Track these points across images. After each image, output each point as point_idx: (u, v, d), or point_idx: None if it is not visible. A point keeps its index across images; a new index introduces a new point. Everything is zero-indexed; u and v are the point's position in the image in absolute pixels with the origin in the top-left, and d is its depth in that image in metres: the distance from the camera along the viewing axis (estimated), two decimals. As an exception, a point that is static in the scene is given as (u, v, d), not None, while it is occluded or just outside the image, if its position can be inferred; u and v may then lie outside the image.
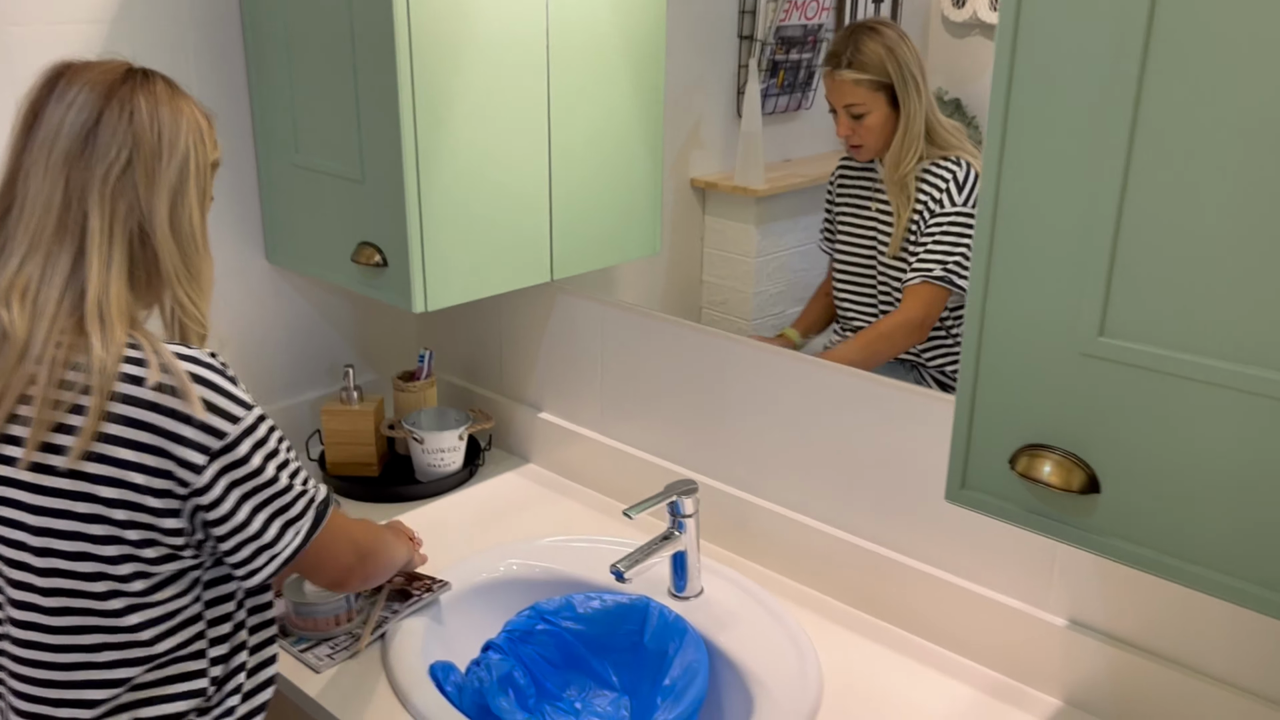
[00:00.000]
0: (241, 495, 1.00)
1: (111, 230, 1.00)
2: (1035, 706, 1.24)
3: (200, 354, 1.01)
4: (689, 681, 1.26)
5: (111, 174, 0.99)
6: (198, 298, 1.06)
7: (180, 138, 1.03)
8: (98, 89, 1.01)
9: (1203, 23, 0.73)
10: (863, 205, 1.48)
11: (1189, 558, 0.84)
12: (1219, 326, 0.77)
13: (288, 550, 1.04)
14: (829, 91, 1.42)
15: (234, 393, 1.00)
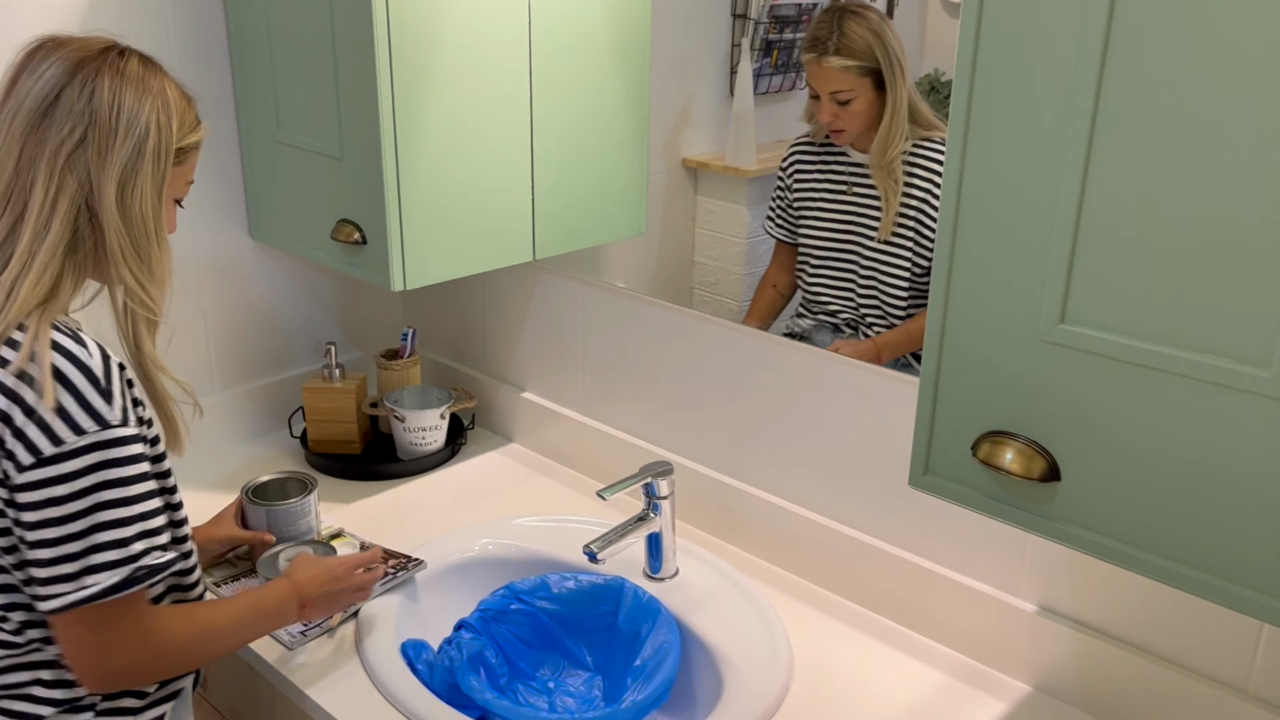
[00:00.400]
0: (44, 519, 0.96)
1: (55, 203, 0.99)
2: (1004, 691, 1.24)
3: (84, 354, 0.98)
4: (659, 662, 1.26)
5: (64, 148, 1.00)
6: (147, 282, 1.05)
7: (141, 118, 1.02)
8: (66, 64, 1.01)
9: (1161, 21, 0.73)
10: (836, 190, 1.47)
11: (1146, 546, 0.84)
12: (1176, 315, 0.77)
13: (75, 597, 0.97)
14: (812, 78, 1.41)
15: (93, 404, 0.96)
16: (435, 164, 1.42)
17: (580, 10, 1.50)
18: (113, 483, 0.97)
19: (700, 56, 1.61)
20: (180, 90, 1.08)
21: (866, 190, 1.43)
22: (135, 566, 0.98)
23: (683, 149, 1.68)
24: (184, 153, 1.08)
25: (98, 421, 0.96)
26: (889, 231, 1.40)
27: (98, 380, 0.97)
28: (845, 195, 1.45)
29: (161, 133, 1.03)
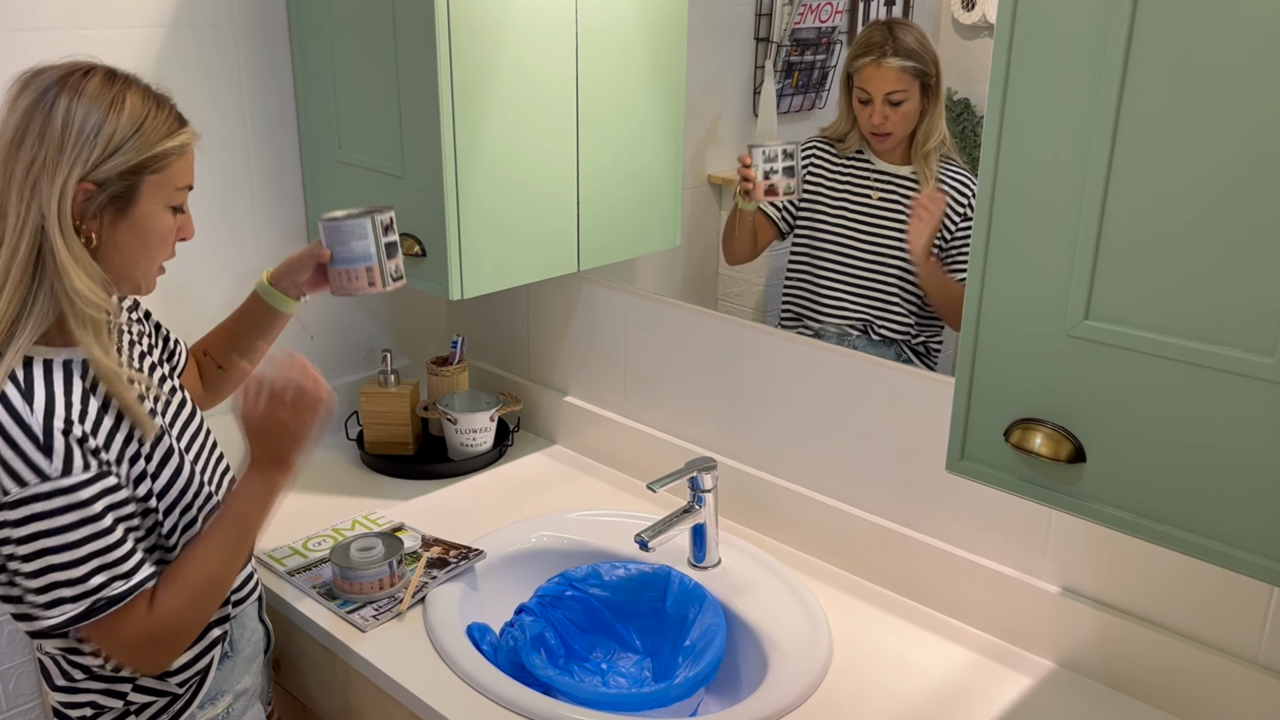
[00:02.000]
0: (10, 555, 1.05)
1: (24, 225, 1.03)
2: (1029, 668, 1.33)
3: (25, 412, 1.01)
4: (708, 643, 1.36)
5: (31, 172, 1.03)
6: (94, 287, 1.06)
7: (88, 130, 1.04)
8: (35, 92, 1.05)
9: (1179, 31, 0.82)
10: (860, 196, 1.56)
11: (1166, 520, 0.93)
12: (1192, 310, 0.86)
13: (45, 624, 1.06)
14: (868, 80, 1.49)
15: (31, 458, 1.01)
16: (490, 182, 1.52)
17: (622, 35, 1.61)
18: (59, 529, 1.03)
19: (725, 78, 1.71)
20: (146, 100, 1.09)
21: (892, 196, 1.53)
22: (95, 599, 1.06)
23: (708, 166, 1.77)
24: (159, 160, 1.09)
25: (37, 474, 1.01)
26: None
27: (36, 437, 1.02)
28: (870, 201, 1.55)
29: (111, 143, 1.05)
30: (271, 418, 1.18)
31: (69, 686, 1.18)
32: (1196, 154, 0.83)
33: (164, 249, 1.16)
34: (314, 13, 1.63)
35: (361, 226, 1.35)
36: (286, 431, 1.19)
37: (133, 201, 1.09)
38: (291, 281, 1.39)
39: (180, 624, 1.13)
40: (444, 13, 1.41)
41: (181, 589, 1.13)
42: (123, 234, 1.10)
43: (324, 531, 1.60)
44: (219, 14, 1.64)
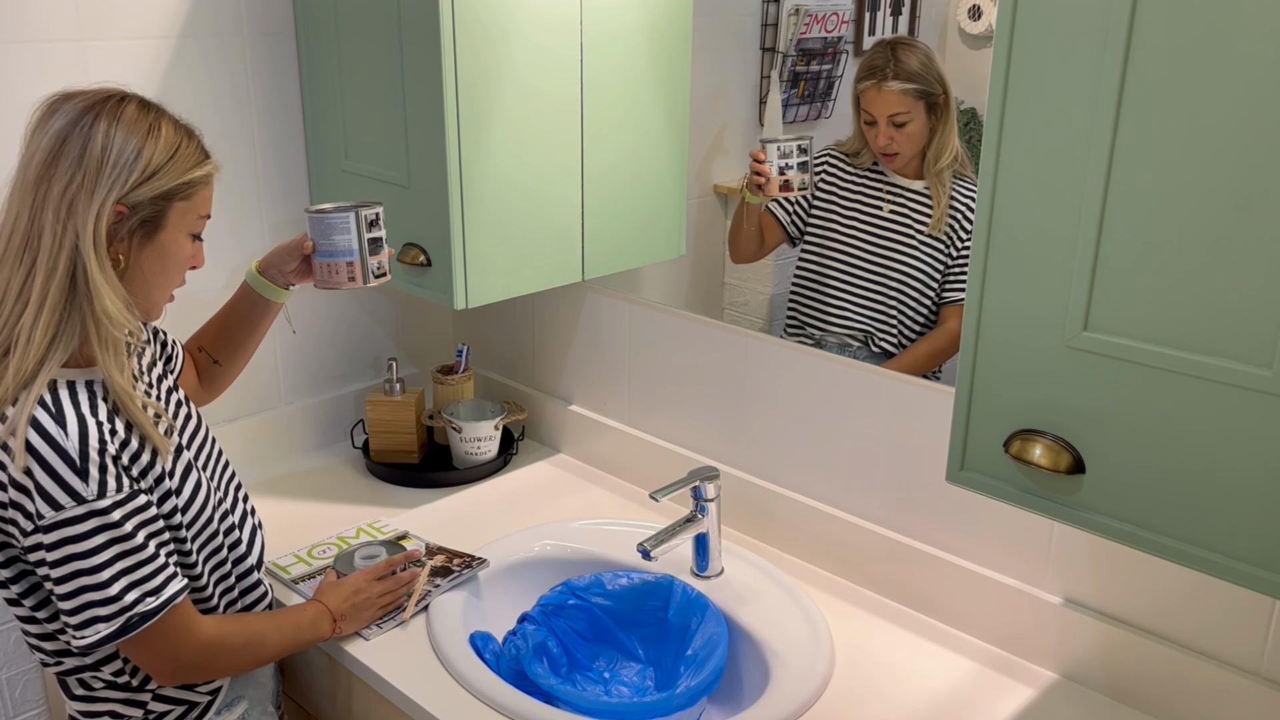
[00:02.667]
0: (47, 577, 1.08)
1: (60, 247, 1.05)
2: (1033, 679, 1.33)
3: (60, 435, 1.03)
4: (710, 652, 1.36)
5: (66, 195, 1.05)
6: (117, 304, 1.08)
7: (127, 156, 1.07)
8: (70, 115, 1.08)
9: (1177, 43, 0.82)
10: (871, 208, 1.57)
11: (1165, 532, 0.93)
12: (1191, 322, 0.87)
13: (82, 643, 1.08)
14: (871, 103, 1.50)
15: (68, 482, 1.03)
16: (495, 192, 1.53)
17: (628, 47, 1.62)
18: (92, 551, 1.05)
19: (731, 88, 1.72)
20: (178, 130, 1.13)
21: (903, 209, 1.53)
22: (129, 616, 1.08)
23: (714, 176, 1.78)
24: (188, 188, 1.13)
25: (73, 498, 1.04)
26: (941, 228, 1.50)
27: (73, 461, 1.04)
28: (881, 213, 1.55)
29: (149, 168, 1.08)
30: (365, 591, 1.38)
31: (87, 695, 1.19)
32: (1194, 166, 0.83)
33: (179, 275, 1.19)
34: (321, 24, 1.65)
35: (345, 221, 1.36)
36: (362, 607, 1.37)
37: (160, 227, 1.12)
38: (279, 271, 1.41)
39: (220, 653, 1.18)
40: (449, 23, 1.42)
41: (236, 629, 1.21)
42: (147, 258, 1.13)
43: (329, 539, 1.61)
44: (228, 25, 1.65)
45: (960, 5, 1.48)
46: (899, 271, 1.54)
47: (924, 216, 1.51)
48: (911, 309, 1.54)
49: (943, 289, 1.52)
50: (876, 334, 1.56)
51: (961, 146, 1.48)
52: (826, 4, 1.63)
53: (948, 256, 1.50)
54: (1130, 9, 0.84)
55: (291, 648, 1.28)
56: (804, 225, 1.63)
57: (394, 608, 1.41)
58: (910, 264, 1.53)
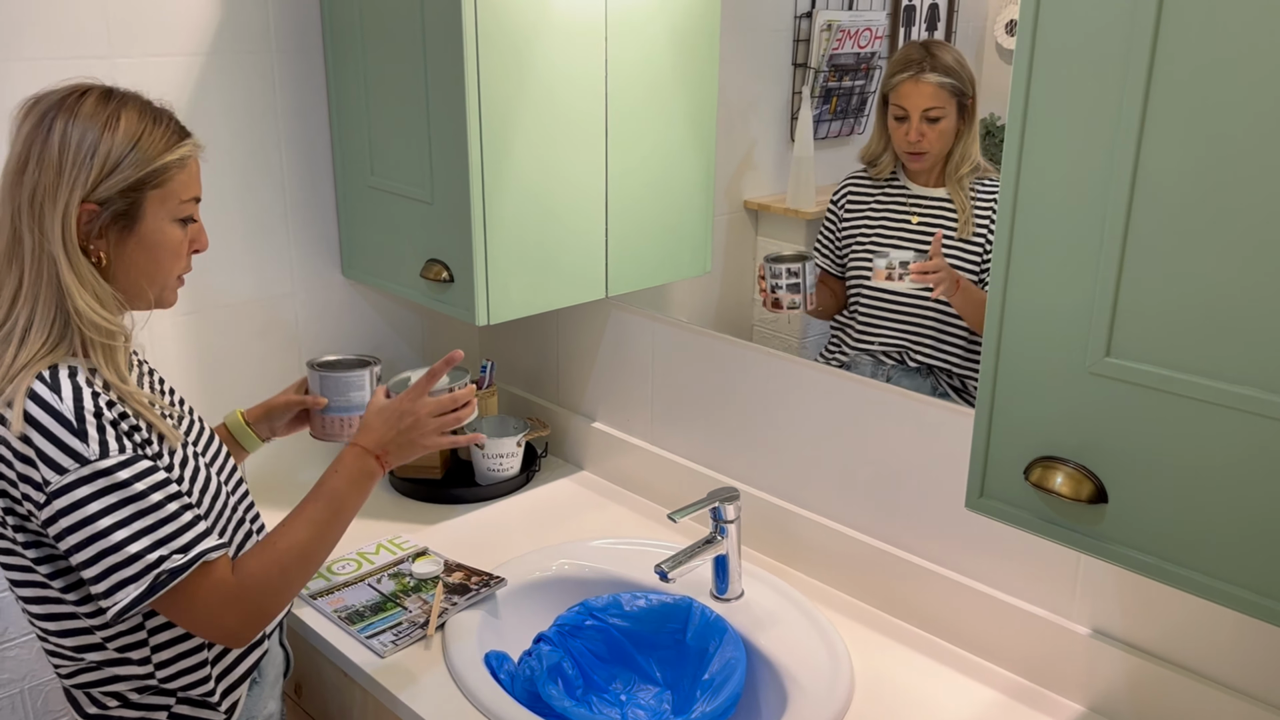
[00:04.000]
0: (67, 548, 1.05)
1: (39, 253, 1.05)
2: (1058, 711, 1.29)
3: (54, 400, 1.03)
4: (727, 677, 1.34)
5: (36, 199, 1.05)
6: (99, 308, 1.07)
7: (84, 150, 1.05)
8: (35, 117, 1.07)
9: (1202, 60, 0.80)
10: (897, 223, 1.54)
11: (1190, 565, 0.90)
12: (1216, 349, 0.84)
13: (114, 609, 1.05)
14: (905, 96, 1.48)
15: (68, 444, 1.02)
16: (518, 208, 1.53)
17: (653, 61, 1.61)
18: (104, 511, 1.03)
19: (762, 103, 1.71)
20: (142, 117, 1.09)
21: (929, 219, 1.51)
22: (156, 573, 1.05)
23: (745, 191, 1.77)
24: (158, 175, 1.09)
25: (75, 459, 1.02)
26: (969, 232, 1.48)
27: (69, 422, 1.03)
28: (910, 226, 1.53)
29: (109, 162, 1.06)
30: (411, 413, 1.24)
31: (101, 715, 1.18)
32: (1219, 189, 0.81)
33: (176, 262, 1.16)
34: (348, 41, 1.66)
35: (360, 378, 1.44)
36: (415, 432, 1.25)
37: (137, 218, 1.10)
38: (268, 424, 1.44)
39: (268, 590, 1.13)
40: (472, 40, 1.42)
41: (270, 557, 1.14)
42: (132, 251, 1.11)
43: (349, 555, 1.61)
44: (256, 42, 1.67)
45: (997, 20, 1.46)
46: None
47: (951, 224, 1.49)
48: (949, 318, 1.51)
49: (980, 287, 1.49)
50: (912, 349, 1.53)
51: (981, 154, 1.46)
52: (859, 19, 1.62)
53: (982, 258, 1.48)
54: (1154, 22, 0.81)
55: (343, 520, 1.20)
56: (843, 261, 1.62)
57: (454, 425, 1.27)
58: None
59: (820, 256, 1.63)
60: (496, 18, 1.43)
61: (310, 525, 1.17)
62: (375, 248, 1.74)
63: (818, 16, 1.62)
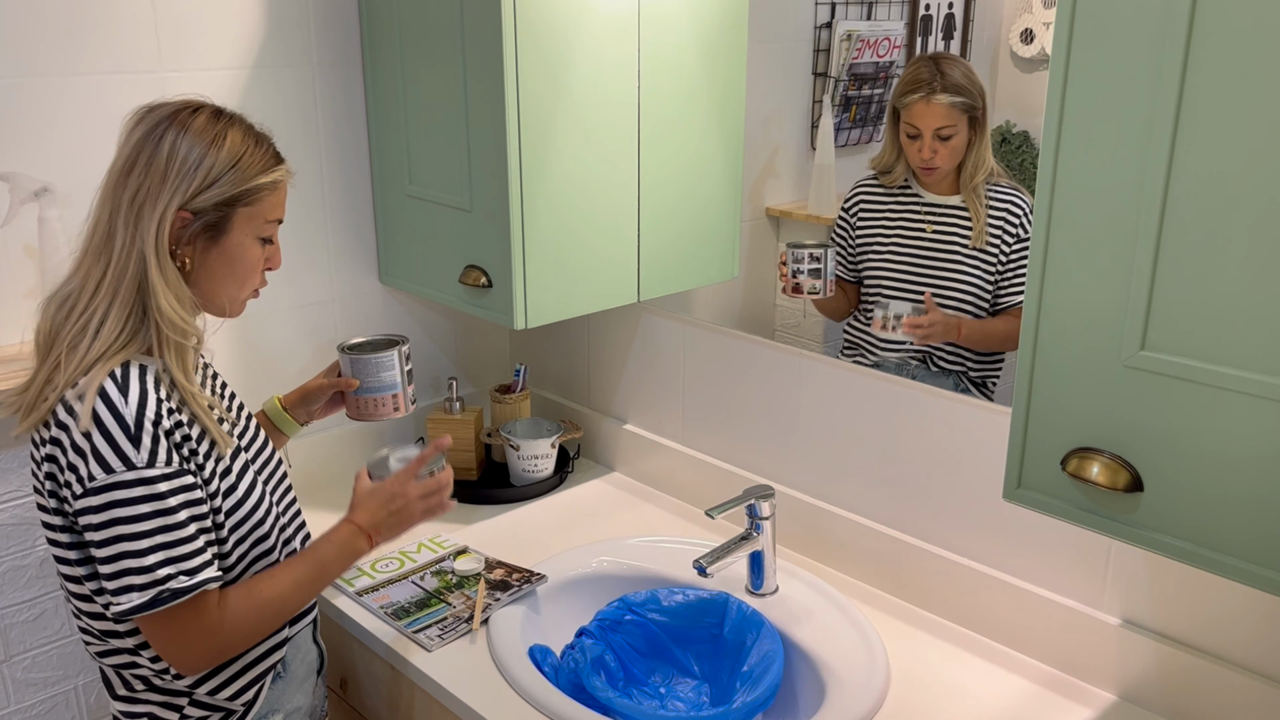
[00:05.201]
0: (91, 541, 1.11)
1: (129, 251, 1.12)
2: (1091, 700, 1.33)
3: (120, 403, 1.09)
4: (766, 668, 1.37)
5: (136, 201, 1.12)
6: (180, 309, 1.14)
7: (190, 164, 1.12)
8: (147, 125, 1.15)
9: (1236, 56, 0.83)
10: (912, 231, 1.57)
11: (1224, 550, 0.93)
12: (1249, 341, 0.87)
13: (116, 610, 1.10)
14: (917, 117, 1.51)
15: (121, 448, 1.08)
16: (554, 216, 1.57)
17: (684, 70, 1.65)
18: (135, 518, 1.08)
19: (783, 112, 1.74)
20: (245, 138, 1.17)
21: (944, 227, 1.54)
22: (159, 590, 1.09)
23: (766, 198, 1.80)
24: (252, 194, 1.17)
25: (124, 462, 1.08)
26: (983, 240, 1.51)
27: (128, 426, 1.09)
28: (923, 235, 1.56)
29: (210, 175, 1.13)
30: (401, 496, 1.30)
31: (129, 696, 1.24)
32: (1254, 182, 0.84)
33: (252, 277, 1.23)
34: (387, 54, 1.70)
35: (390, 359, 1.48)
36: (403, 514, 1.31)
37: (225, 231, 1.17)
38: (305, 409, 1.50)
39: (241, 632, 1.18)
40: (511, 53, 1.47)
41: (253, 602, 1.18)
42: (214, 260, 1.18)
43: (390, 554, 1.65)
44: (297, 56, 1.72)
45: (1012, 29, 1.49)
46: (951, 289, 1.55)
47: (966, 231, 1.52)
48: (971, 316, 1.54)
49: (996, 297, 1.52)
50: (935, 353, 1.57)
51: (995, 160, 1.49)
52: (879, 29, 1.65)
53: (998, 264, 1.51)
54: (1188, 21, 0.85)
55: (321, 587, 1.25)
56: (857, 268, 1.64)
57: (438, 511, 1.34)
58: (961, 280, 1.54)
59: (847, 270, 1.66)
60: (535, 29, 1.48)
61: (295, 584, 1.22)
62: (412, 255, 1.78)
63: (837, 27, 1.65)
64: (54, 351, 1.14)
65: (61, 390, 1.11)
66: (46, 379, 1.14)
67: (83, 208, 1.41)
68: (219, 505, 1.18)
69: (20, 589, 1.50)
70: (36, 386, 1.15)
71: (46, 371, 1.14)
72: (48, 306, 1.17)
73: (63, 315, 1.15)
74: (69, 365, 1.12)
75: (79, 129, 1.52)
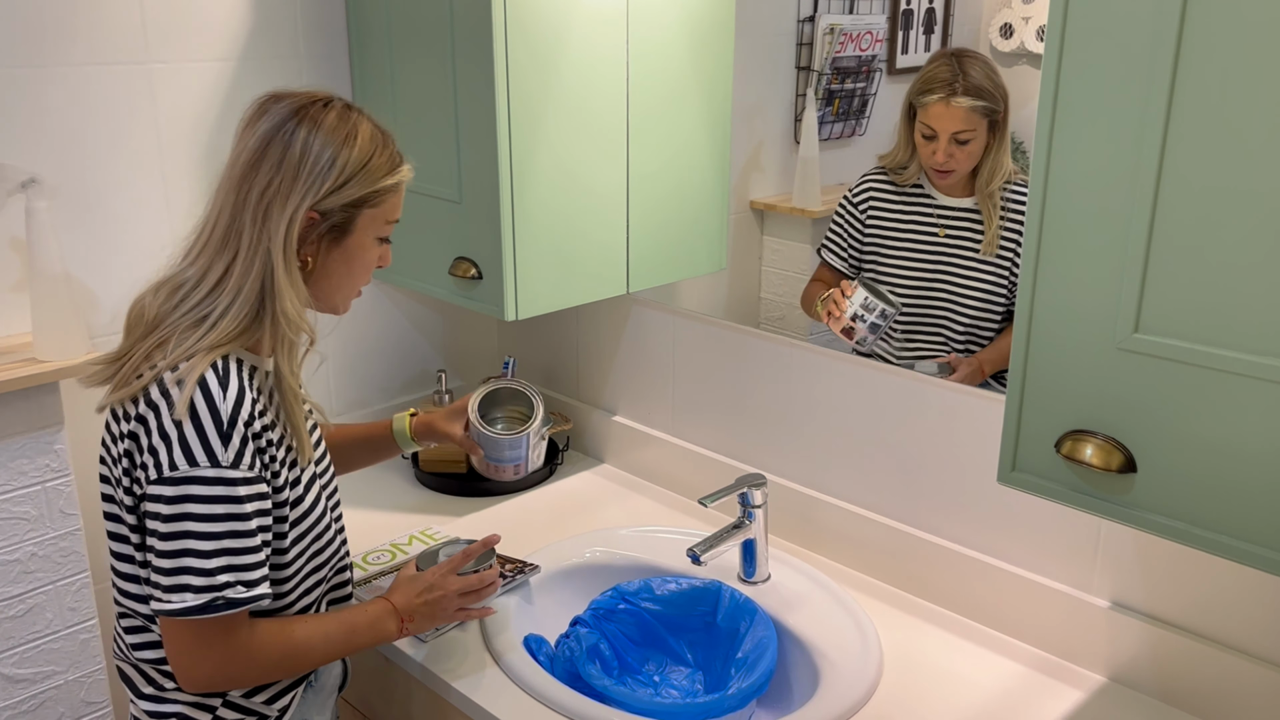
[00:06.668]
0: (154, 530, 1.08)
1: (257, 244, 1.11)
2: (1081, 682, 1.34)
3: (219, 396, 1.07)
4: (760, 655, 1.38)
5: (265, 198, 1.10)
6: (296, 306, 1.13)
7: (323, 162, 1.11)
8: (276, 118, 1.12)
9: (1228, 41, 0.84)
10: (926, 234, 1.53)
11: (1218, 529, 0.94)
12: (1242, 323, 0.88)
13: (163, 607, 1.07)
14: (935, 118, 1.44)
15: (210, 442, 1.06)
16: (544, 208, 1.57)
17: (672, 63, 1.65)
18: (209, 517, 1.06)
19: (767, 106, 1.75)
20: (374, 138, 1.15)
21: (957, 231, 1.51)
22: (215, 596, 1.06)
23: (751, 192, 1.81)
24: (378, 195, 1.16)
25: (210, 459, 1.06)
26: (993, 250, 1.47)
27: (221, 422, 1.07)
28: (936, 238, 1.52)
29: (341, 176, 1.12)
30: (440, 588, 1.28)
31: (157, 695, 1.20)
32: (1246, 164, 0.85)
33: (365, 276, 1.22)
34: (376, 45, 1.70)
35: (519, 442, 1.48)
36: (438, 607, 1.28)
37: (349, 232, 1.16)
38: (428, 439, 1.51)
39: (258, 664, 1.14)
40: (502, 44, 1.47)
41: (282, 640, 1.16)
42: (334, 261, 1.17)
43: (382, 546, 1.64)
44: (285, 48, 1.71)
45: (992, 24, 1.49)
46: (962, 296, 1.52)
47: (979, 237, 1.48)
48: (981, 329, 1.51)
49: (1011, 304, 1.48)
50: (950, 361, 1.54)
51: (1013, 164, 1.45)
52: (860, 23, 1.66)
53: (1009, 276, 1.48)
54: (1181, 8, 0.86)
55: (344, 652, 1.23)
56: (859, 263, 1.61)
57: (476, 613, 1.34)
58: (973, 287, 1.51)
59: (829, 252, 1.65)
60: (524, 21, 1.48)
61: (324, 638, 1.20)
62: (401, 247, 1.76)
63: (820, 20, 1.66)
64: (158, 333, 1.12)
65: (161, 371, 1.09)
66: (145, 356, 1.11)
67: (70, 199, 1.41)
68: (285, 514, 1.16)
69: (8, 584, 1.49)
70: (134, 362, 1.12)
71: (147, 349, 1.11)
72: (157, 291, 1.14)
73: (173, 303, 1.12)
74: (175, 348, 1.10)
75: (66, 120, 1.51)
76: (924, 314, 1.56)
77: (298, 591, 1.21)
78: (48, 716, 1.56)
